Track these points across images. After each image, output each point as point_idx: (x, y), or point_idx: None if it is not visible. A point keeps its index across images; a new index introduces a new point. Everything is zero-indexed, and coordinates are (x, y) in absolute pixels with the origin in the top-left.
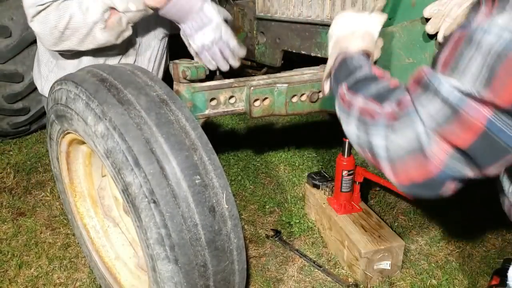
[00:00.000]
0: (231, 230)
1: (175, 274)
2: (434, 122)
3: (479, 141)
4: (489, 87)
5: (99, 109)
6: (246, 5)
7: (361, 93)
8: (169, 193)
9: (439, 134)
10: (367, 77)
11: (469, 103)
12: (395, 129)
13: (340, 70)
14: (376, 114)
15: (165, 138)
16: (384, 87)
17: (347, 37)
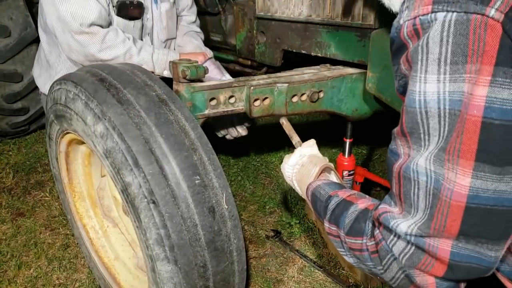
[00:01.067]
0: (231, 231)
1: (175, 274)
2: (407, 261)
3: (449, 270)
4: (433, 229)
5: (98, 109)
6: (246, 5)
7: (341, 226)
8: (168, 193)
9: (416, 269)
10: (338, 204)
11: (428, 241)
12: (383, 267)
13: (316, 204)
14: (361, 250)
15: (164, 138)
16: (356, 216)
17: (302, 171)
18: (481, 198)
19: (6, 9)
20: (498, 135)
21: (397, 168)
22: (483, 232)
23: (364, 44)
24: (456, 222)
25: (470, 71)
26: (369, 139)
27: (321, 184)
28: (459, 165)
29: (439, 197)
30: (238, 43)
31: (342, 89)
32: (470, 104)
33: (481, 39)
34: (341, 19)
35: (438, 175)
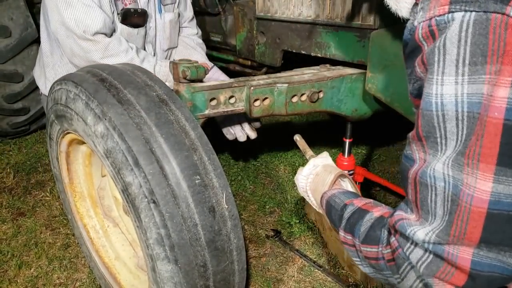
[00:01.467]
0: (231, 230)
1: (175, 274)
2: (425, 269)
3: (470, 280)
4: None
5: (98, 109)
6: (246, 5)
7: (356, 234)
8: (169, 193)
9: (435, 278)
10: (353, 212)
11: (447, 249)
12: (400, 276)
13: (330, 213)
14: (377, 259)
15: (164, 138)
16: (372, 224)
17: (317, 180)
18: (504, 204)
19: (6, 9)
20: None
21: (413, 174)
22: (506, 240)
23: (363, 45)
24: (477, 229)
25: (490, 72)
26: (369, 139)
27: (336, 193)
28: (480, 169)
29: (458, 203)
30: (238, 43)
31: (342, 89)
32: (490, 106)
33: (502, 39)
34: (341, 20)
35: (457, 180)
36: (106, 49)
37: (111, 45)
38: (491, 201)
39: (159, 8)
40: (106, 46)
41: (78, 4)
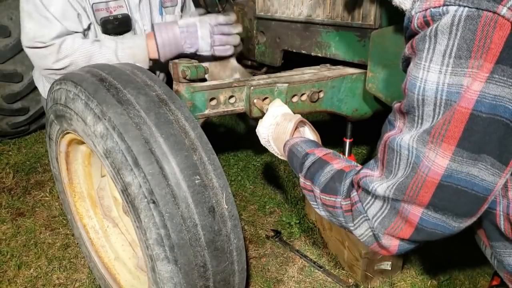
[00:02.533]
0: (231, 231)
1: (175, 274)
2: (379, 224)
3: (415, 233)
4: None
5: (98, 109)
6: (246, 5)
7: (316, 183)
8: (168, 193)
9: (385, 233)
10: (314, 162)
11: (402, 205)
12: (354, 225)
13: (292, 160)
14: (335, 207)
15: (164, 138)
16: (332, 176)
17: (278, 129)
18: (454, 178)
19: (6, 9)
20: (482, 126)
21: (386, 137)
22: (450, 207)
23: (364, 44)
24: (428, 194)
25: (472, 67)
26: (369, 139)
27: (298, 142)
28: (441, 148)
29: (417, 171)
30: None
31: (342, 89)
32: (463, 97)
33: (488, 37)
34: (341, 19)
35: (419, 152)
36: (59, 51)
37: (63, 45)
38: (444, 174)
39: (160, 11)
40: (58, 48)
41: (38, 16)
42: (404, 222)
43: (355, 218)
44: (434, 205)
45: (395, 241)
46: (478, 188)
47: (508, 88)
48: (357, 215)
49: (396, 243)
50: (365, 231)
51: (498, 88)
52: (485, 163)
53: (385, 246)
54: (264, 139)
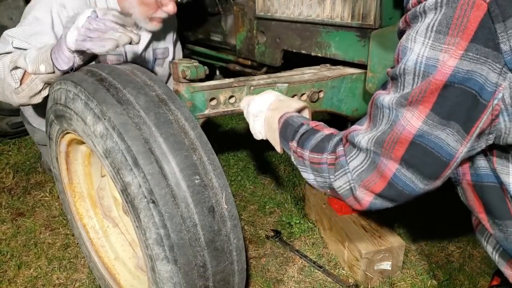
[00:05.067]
0: (230, 231)
1: (174, 274)
2: (357, 176)
3: (386, 188)
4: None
5: (98, 109)
6: (246, 5)
7: (306, 146)
8: (168, 193)
9: (361, 185)
10: (307, 130)
11: (381, 159)
12: (335, 177)
13: (286, 129)
14: (320, 163)
15: (164, 138)
16: (321, 138)
17: (280, 104)
18: (425, 138)
19: (6, 9)
20: (454, 95)
21: (375, 94)
22: (418, 166)
23: (364, 44)
24: (401, 149)
25: (449, 43)
26: None
27: (295, 115)
28: (418, 110)
29: (393, 129)
30: (238, 43)
31: (342, 89)
32: (439, 70)
33: (466, 16)
34: (341, 19)
35: (399, 112)
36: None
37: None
38: (416, 134)
39: (153, 63)
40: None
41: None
42: (379, 176)
43: (337, 171)
44: (406, 161)
45: (368, 196)
46: (443, 152)
47: (480, 64)
48: (339, 168)
49: (369, 198)
50: (344, 184)
51: (471, 64)
52: (452, 129)
53: (358, 199)
54: (256, 109)
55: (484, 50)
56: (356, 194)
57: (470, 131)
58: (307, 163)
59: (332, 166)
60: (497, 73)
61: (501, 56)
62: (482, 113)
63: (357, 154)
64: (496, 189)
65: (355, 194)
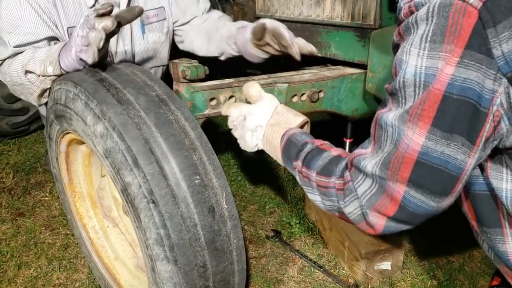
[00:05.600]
0: (230, 231)
1: (175, 274)
2: (367, 201)
3: (399, 211)
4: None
5: (98, 109)
6: (246, 5)
7: (312, 167)
8: (168, 193)
9: (373, 209)
10: (313, 150)
11: (389, 183)
12: (345, 203)
13: (290, 148)
14: (328, 187)
15: (164, 138)
16: (329, 160)
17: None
18: (430, 156)
19: None
20: (453, 107)
21: (377, 114)
22: (427, 185)
23: (364, 44)
24: (407, 170)
25: (445, 51)
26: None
27: (297, 132)
28: (418, 126)
29: (398, 148)
30: None
31: (342, 89)
32: (437, 79)
33: (459, 23)
34: (341, 19)
35: (401, 130)
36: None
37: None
38: (421, 152)
39: (142, 29)
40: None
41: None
42: (389, 199)
43: (346, 196)
44: (413, 182)
45: (381, 220)
46: (451, 167)
47: (476, 71)
48: (348, 193)
49: (382, 222)
50: (354, 209)
51: (467, 71)
52: (457, 142)
53: (372, 224)
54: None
55: (478, 56)
56: (368, 219)
57: (476, 142)
58: (314, 185)
59: (341, 191)
60: (492, 79)
61: (494, 62)
62: (485, 122)
63: (363, 179)
64: (487, 197)
65: (368, 219)
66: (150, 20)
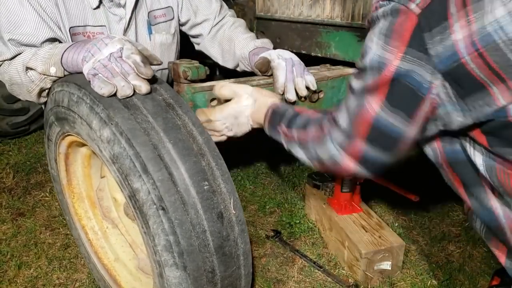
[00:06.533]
0: (238, 236)
1: (183, 280)
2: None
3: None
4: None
5: (104, 113)
6: (246, 5)
7: (294, 127)
8: (178, 199)
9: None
10: (294, 115)
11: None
12: (322, 148)
13: (275, 117)
14: (307, 139)
15: (173, 144)
16: (306, 118)
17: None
18: (380, 122)
19: None
20: (399, 88)
21: (351, 79)
22: (380, 143)
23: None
24: (365, 130)
25: (392, 45)
26: None
27: (279, 104)
28: (374, 99)
29: (360, 110)
30: None
31: (342, 89)
32: (387, 68)
33: (403, 25)
34: (341, 19)
35: (362, 98)
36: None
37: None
38: (375, 117)
39: (148, 30)
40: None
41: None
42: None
43: (323, 144)
44: (370, 139)
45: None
46: (394, 133)
47: (417, 66)
48: (325, 141)
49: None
50: (330, 153)
51: (410, 65)
52: (400, 116)
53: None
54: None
55: (418, 54)
56: (341, 162)
57: (414, 117)
58: (296, 140)
59: (317, 139)
60: (429, 73)
61: (431, 59)
62: (421, 104)
63: (337, 130)
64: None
65: (341, 162)
66: (157, 21)
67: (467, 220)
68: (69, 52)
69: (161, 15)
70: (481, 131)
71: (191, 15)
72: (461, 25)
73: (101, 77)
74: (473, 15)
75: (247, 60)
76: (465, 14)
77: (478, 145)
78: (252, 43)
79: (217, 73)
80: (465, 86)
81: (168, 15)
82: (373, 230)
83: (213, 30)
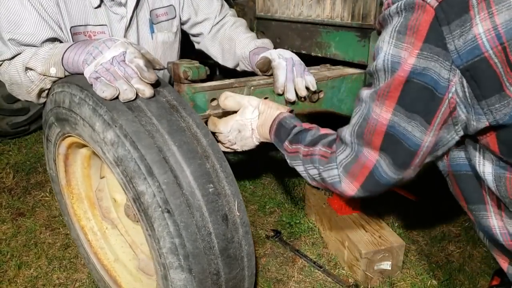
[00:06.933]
0: (242, 238)
1: (188, 283)
2: (343, 168)
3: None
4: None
5: (108, 115)
6: (246, 5)
7: (300, 142)
8: (183, 202)
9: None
10: (301, 130)
11: (364, 151)
12: (324, 168)
13: (280, 131)
14: (313, 155)
15: (178, 146)
16: (315, 135)
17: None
18: (395, 130)
19: None
20: (414, 91)
21: (360, 90)
22: (391, 155)
23: (364, 44)
24: (378, 140)
25: (407, 42)
26: None
27: (287, 116)
28: (385, 104)
29: (368, 122)
30: None
31: (342, 89)
32: (401, 67)
33: (419, 19)
34: (341, 19)
35: (370, 106)
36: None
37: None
38: (388, 125)
39: (151, 29)
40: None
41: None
42: (361, 168)
43: (328, 163)
44: (384, 150)
45: (352, 187)
46: (410, 142)
47: (434, 62)
48: (330, 161)
49: (353, 188)
50: (333, 175)
51: (426, 62)
52: (416, 121)
53: (345, 190)
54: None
55: (436, 49)
56: (343, 185)
57: (432, 122)
58: (300, 156)
59: (324, 158)
60: (447, 70)
61: (449, 55)
62: (440, 105)
63: (344, 148)
64: (471, 177)
65: (342, 185)
66: (159, 19)
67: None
68: (70, 52)
69: (163, 13)
70: (494, 136)
71: (192, 14)
72: (483, 17)
73: (103, 80)
74: (495, 7)
75: (247, 59)
76: (486, 6)
77: (488, 153)
78: (252, 43)
79: (217, 73)
80: (481, 85)
81: (170, 14)
82: (373, 230)
83: (214, 29)
